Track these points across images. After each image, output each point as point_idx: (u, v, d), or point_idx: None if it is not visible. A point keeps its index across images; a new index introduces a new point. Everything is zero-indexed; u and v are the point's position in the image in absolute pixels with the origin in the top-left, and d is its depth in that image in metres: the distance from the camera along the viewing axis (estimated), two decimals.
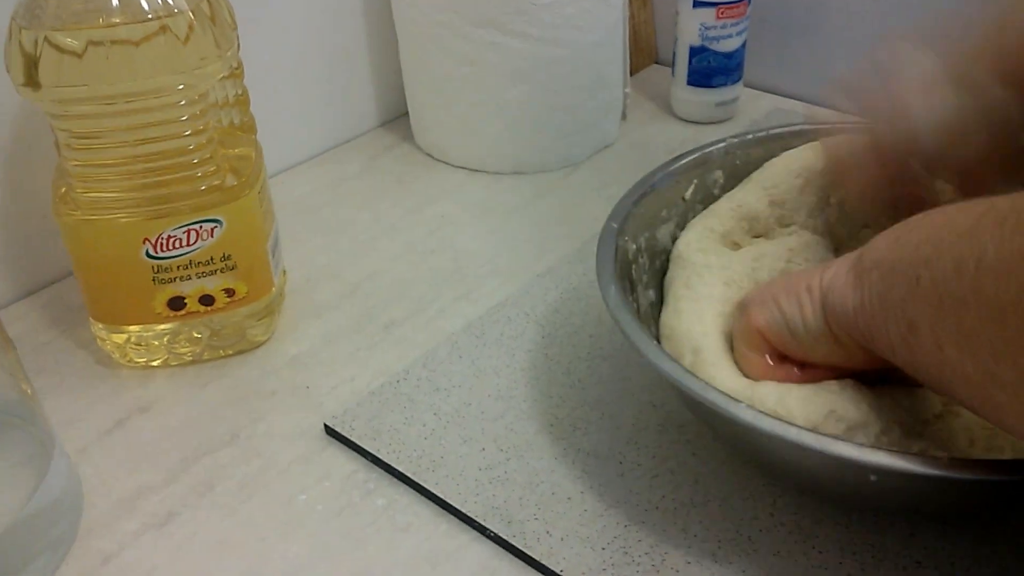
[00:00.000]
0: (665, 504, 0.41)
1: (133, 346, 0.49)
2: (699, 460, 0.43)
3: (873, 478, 0.32)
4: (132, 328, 0.48)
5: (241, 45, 0.46)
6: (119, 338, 0.49)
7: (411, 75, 0.69)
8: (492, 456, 0.44)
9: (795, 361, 0.38)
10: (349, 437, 0.45)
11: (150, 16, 0.40)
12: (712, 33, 0.68)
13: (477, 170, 0.68)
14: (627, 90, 0.70)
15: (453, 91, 0.66)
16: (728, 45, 0.69)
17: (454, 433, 0.45)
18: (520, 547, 0.39)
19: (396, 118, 0.76)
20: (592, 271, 0.41)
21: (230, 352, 0.51)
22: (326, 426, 0.46)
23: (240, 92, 0.47)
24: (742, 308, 0.40)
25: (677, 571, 0.38)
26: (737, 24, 0.68)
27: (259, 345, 0.52)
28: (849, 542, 0.39)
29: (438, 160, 0.70)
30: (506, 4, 0.60)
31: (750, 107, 0.75)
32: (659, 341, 0.42)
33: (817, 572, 0.38)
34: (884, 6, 0.70)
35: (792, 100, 0.76)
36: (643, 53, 0.81)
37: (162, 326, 0.48)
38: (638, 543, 0.39)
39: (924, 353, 0.31)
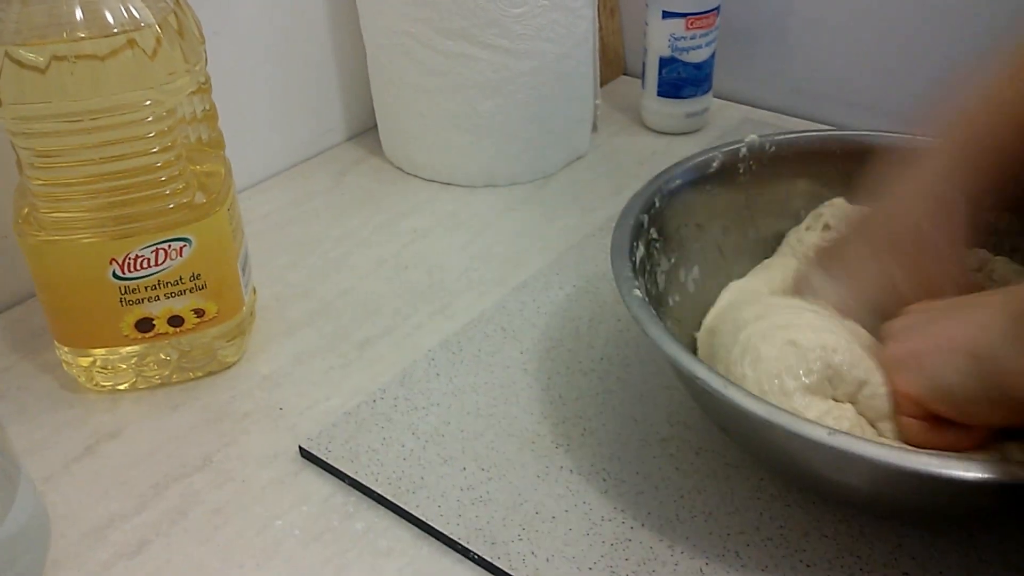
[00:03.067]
0: (651, 521, 0.40)
1: (100, 370, 0.47)
2: (683, 475, 0.43)
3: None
4: (98, 351, 0.47)
5: (207, 59, 0.45)
6: (85, 361, 0.47)
7: (380, 88, 0.68)
8: (473, 476, 0.43)
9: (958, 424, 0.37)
10: (325, 459, 0.44)
11: (116, 30, 0.39)
12: (682, 44, 0.68)
13: (449, 183, 0.68)
14: (597, 101, 0.70)
15: (423, 103, 0.65)
16: (697, 56, 0.69)
17: (434, 453, 0.44)
18: (505, 569, 0.39)
19: (364, 132, 0.75)
20: (569, 283, 0.41)
21: (200, 374, 0.50)
22: (301, 448, 0.45)
23: (208, 107, 0.46)
24: (887, 368, 0.39)
25: None
26: (706, 35, 0.68)
27: (230, 366, 0.51)
28: (837, 553, 0.39)
29: (409, 174, 0.69)
30: (477, 15, 0.60)
31: (720, 117, 0.75)
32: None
33: None
34: (849, 17, 0.71)
35: (761, 110, 0.76)
36: (612, 65, 0.81)
37: (129, 348, 0.47)
38: (625, 562, 0.39)
39: None
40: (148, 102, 0.41)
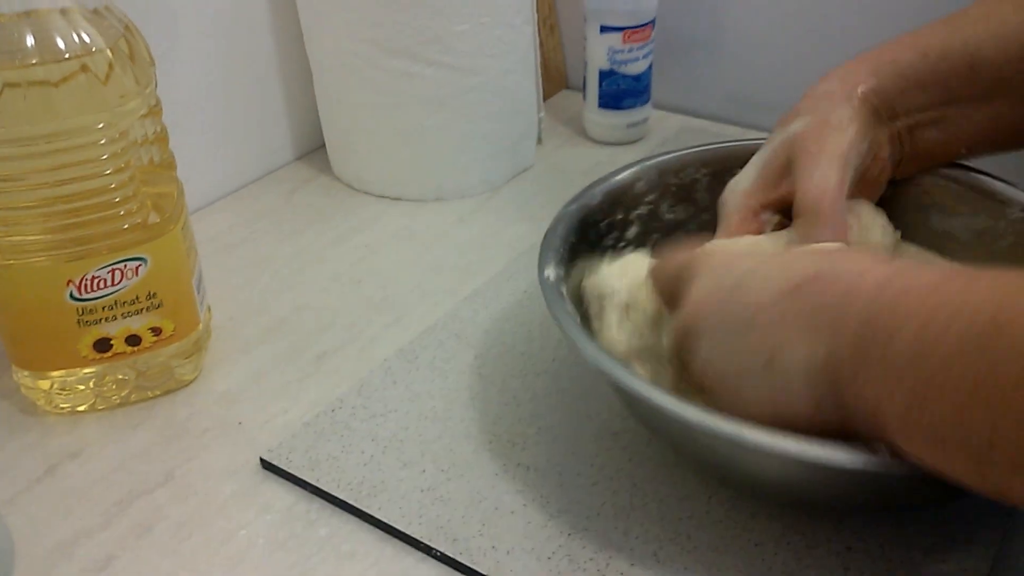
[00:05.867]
0: (606, 510, 0.42)
1: (59, 392, 0.48)
2: (635, 465, 0.44)
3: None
4: (57, 374, 0.47)
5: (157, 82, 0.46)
6: (44, 384, 0.48)
7: (327, 107, 0.70)
8: (433, 477, 0.44)
9: None
10: (287, 469, 0.45)
11: (68, 56, 0.40)
12: (619, 57, 0.71)
13: (398, 198, 0.69)
14: (541, 115, 0.72)
15: (370, 121, 0.66)
16: (635, 68, 0.71)
17: (393, 458, 0.45)
18: (467, 564, 0.40)
19: (313, 151, 0.76)
20: (519, 289, 0.43)
21: (158, 392, 0.50)
22: (262, 460, 0.46)
23: (159, 129, 0.46)
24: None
25: (622, 573, 0.39)
26: (643, 47, 0.71)
27: (187, 384, 0.51)
28: (783, 533, 0.41)
29: (358, 191, 0.70)
30: (421, 33, 0.62)
31: (660, 127, 0.77)
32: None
33: (756, 563, 0.39)
34: (779, 24, 0.74)
35: (700, 119, 0.79)
36: (554, 79, 0.83)
37: (88, 369, 0.48)
38: (582, 550, 0.40)
39: None
40: (101, 125, 0.42)
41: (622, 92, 0.72)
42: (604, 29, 0.70)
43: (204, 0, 0.65)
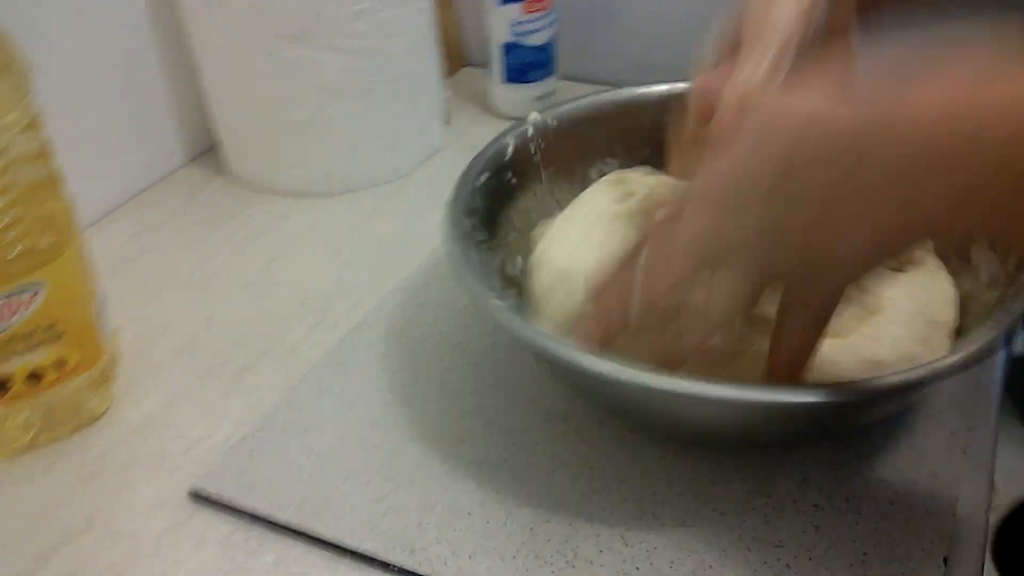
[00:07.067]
0: (566, 498, 0.40)
1: None
2: (589, 447, 0.43)
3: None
4: None
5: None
6: None
7: (219, 103, 0.65)
8: (380, 487, 0.42)
9: None
10: (219, 498, 0.42)
11: None
12: (521, 28, 0.69)
13: (304, 194, 0.65)
14: (447, 94, 0.70)
15: (267, 115, 0.63)
16: (538, 39, 0.70)
17: (335, 471, 0.43)
18: (428, 574, 0.38)
19: (205, 152, 0.72)
20: (446, 278, 0.42)
21: (69, 430, 0.46)
22: (191, 490, 0.42)
23: (42, 143, 0.42)
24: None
25: (591, 562, 0.38)
26: (544, 17, 0.69)
27: (99, 416, 0.47)
28: (747, 497, 0.40)
29: (260, 190, 0.67)
30: (316, 17, 0.58)
31: (567, 97, 0.75)
32: None
33: (724, 532, 0.38)
34: None
35: (607, 87, 0.77)
36: (454, 56, 0.80)
37: None
38: (547, 543, 0.38)
39: None
40: None
41: (527, 65, 0.70)
42: (503, 1, 0.68)
43: (80, 3, 0.60)
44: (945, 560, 0.36)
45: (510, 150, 0.50)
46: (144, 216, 0.65)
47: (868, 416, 0.40)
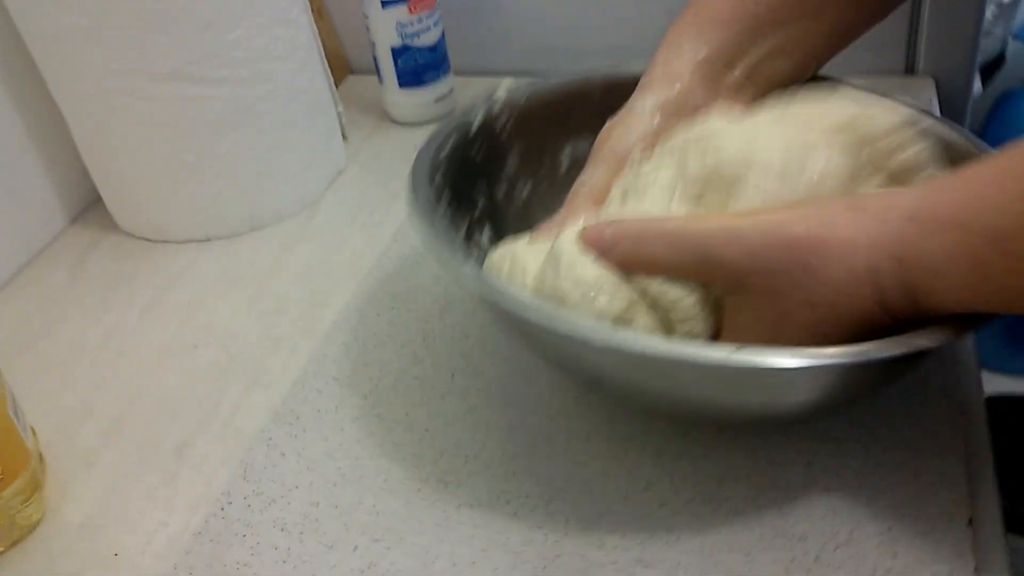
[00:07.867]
0: (573, 526, 0.38)
1: None
2: (582, 465, 0.41)
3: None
4: None
5: None
6: None
7: (94, 155, 0.60)
8: (369, 552, 0.38)
9: None
10: None
11: None
12: (410, 30, 0.65)
13: (207, 239, 0.60)
14: (340, 109, 0.66)
15: (149, 161, 0.57)
16: (429, 38, 0.66)
17: (314, 542, 0.39)
18: None
19: (87, 208, 0.65)
20: (385, 307, 0.39)
21: (4, 547, 0.41)
22: None
23: None
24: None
25: None
26: (431, 15, 0.66)
27: (35, 526, 0.42)
28: (758, 492, 0.38)
29: (156, 241, 0.61)
30: (191, 50, 0.53)
31: (466, 94, 0.72)
32: None
33: (743, 532, 0.37)
34: None
35: (501, 76, 0.75)
36: (337, 66, 0.76)
37: None
38: None
39: None
40: None
41: (420, 67, 0.67)
42: (386, 3, 0.64)
43: None
44: (970, 521, 0.35)
45: (476, 124, 0.48)
46: (33, 293, 0.58)
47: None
